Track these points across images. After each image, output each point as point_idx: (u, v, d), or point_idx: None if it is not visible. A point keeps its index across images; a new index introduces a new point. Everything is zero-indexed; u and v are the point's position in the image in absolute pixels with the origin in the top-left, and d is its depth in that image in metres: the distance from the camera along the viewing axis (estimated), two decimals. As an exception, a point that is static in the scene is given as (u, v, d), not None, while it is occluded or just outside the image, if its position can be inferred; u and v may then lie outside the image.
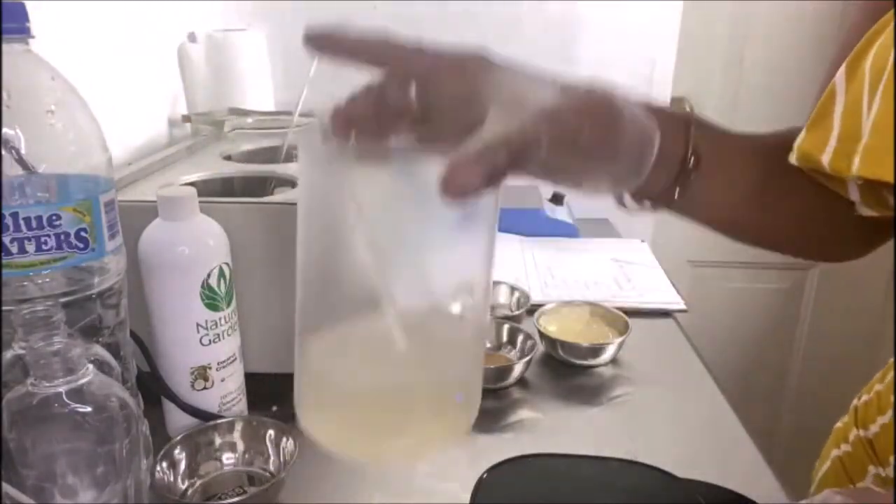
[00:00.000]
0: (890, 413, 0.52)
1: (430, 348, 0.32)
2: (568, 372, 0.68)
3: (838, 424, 0.61)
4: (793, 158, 0.41)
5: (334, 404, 0.32)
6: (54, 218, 0.40)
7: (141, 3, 0.87)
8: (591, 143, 0.33)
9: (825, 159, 0.39)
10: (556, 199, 1.16)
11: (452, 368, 0.32)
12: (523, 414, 0.62)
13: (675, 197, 0.41)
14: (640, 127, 0.36)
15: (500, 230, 0.37)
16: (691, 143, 0.40)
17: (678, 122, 0.41)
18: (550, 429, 0.60)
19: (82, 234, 0.41)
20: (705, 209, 0.44)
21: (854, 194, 0.41)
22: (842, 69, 0.39)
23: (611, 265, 0.94)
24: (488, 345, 0.71)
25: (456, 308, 0.32)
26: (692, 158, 0.40)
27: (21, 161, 0.39)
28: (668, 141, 0.38)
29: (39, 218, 0.39)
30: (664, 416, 0.62)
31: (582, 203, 1.22)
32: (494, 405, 0.63)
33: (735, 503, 0.42)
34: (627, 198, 0.44)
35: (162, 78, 0.97)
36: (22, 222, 0.39)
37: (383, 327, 0.30)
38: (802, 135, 0.41)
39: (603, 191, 0.39)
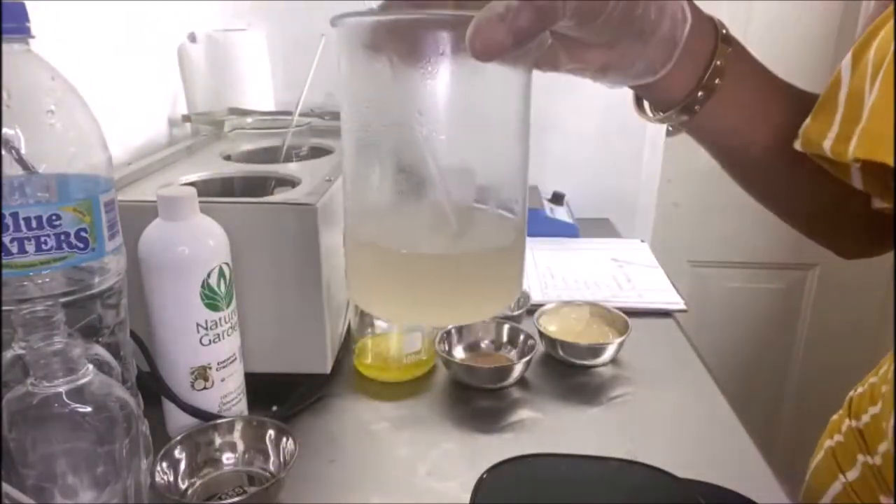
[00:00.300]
0: (881, 403, 0.52)
1: (480, 228, 0.36)
2: (568, 372, 0.68)
3: (834, 417, 0.61)
4: (797, 144, 0.41)
5: (391, 279, 0.35)
6: (54, 218, 0.40)
7: (141, 3, 0.87)
8: (620, 13, 0.33)
9: (827, 144, 0.39)
10: (556, 199, 1.16)
11: (501, 248, 0.36)
12: (523, 414, 0.62)
13: (698, 103, 0.41)
14: (673, 5, 0.36)
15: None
16: (719, 39, 0.40)
17: (708, 22, 0.40)
18: (550, 429, 0.60)
19: (82, 234, 0.41)
20: (722, 132, 0.44)
21: (857, 181, 0.40)
22: (848, 57, 0.39)
23: (611, 265, 0.94)
24: (488, 344, 0.71)
25: (499, 202, 0.36)
26: (717, 63, 0.40)
27: (21, 161, 0.39)
28: (695, 34, 0.38)
29: (39, 218, 0.39)
30: (664, 416, 0.62)
31: (582, 203, 1.23)
32: (494, 405, 0.63)
33: (735, 503, 0.42)
34: (648, 106, 0.43)
35: (162, 78, 0.97)
36: (22, 222, 0.39)
37: (437, 212, 0.34)
38: (807, 121, 0.41)
39: (630, 77, 0.38)
